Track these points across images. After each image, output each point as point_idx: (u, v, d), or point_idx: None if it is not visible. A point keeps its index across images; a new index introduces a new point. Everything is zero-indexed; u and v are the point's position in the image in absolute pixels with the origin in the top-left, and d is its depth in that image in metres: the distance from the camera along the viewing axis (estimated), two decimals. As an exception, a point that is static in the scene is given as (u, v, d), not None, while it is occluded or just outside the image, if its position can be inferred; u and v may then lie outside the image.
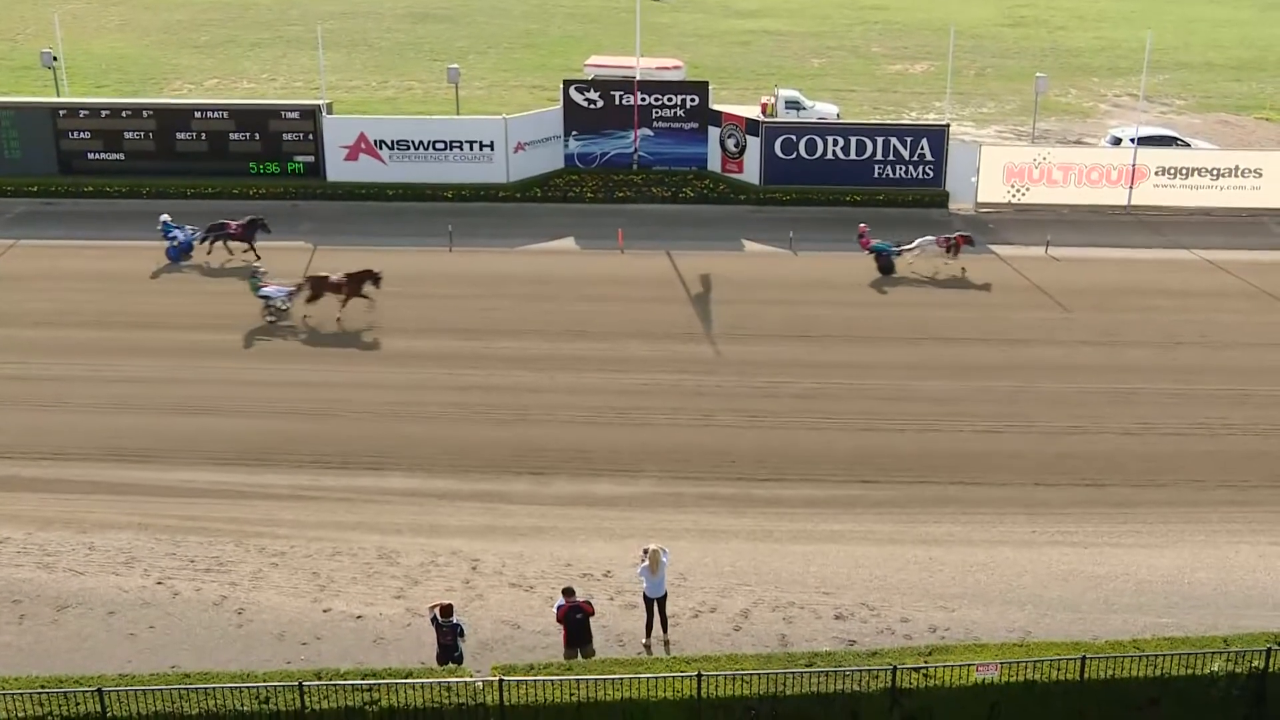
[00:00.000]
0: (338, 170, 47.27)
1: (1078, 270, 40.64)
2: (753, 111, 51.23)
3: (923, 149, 46.61)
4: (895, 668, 19.11)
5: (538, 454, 28.51)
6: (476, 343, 34.52)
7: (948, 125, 47.87)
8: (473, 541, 25.03)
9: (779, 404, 31.03)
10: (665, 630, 21.92)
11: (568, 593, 20.82)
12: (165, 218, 41.19)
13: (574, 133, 48.30)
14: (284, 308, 35.83)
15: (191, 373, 32.52)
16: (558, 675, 19.12)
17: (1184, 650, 19.69)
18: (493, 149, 47.18)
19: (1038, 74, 52.41)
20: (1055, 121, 59.71)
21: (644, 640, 21.91)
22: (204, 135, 46.95)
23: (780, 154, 46.95)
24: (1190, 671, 19.52)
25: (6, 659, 21.18)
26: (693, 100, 47.99)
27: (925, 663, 19.45)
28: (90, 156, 47.16)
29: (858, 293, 38.44)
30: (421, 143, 47.21)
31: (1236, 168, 46.18)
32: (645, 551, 21.50)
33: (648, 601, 21.71)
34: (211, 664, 20.81)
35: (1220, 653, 19.63)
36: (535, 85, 65.41)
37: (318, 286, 35.90)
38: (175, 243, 40.79)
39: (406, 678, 19.03)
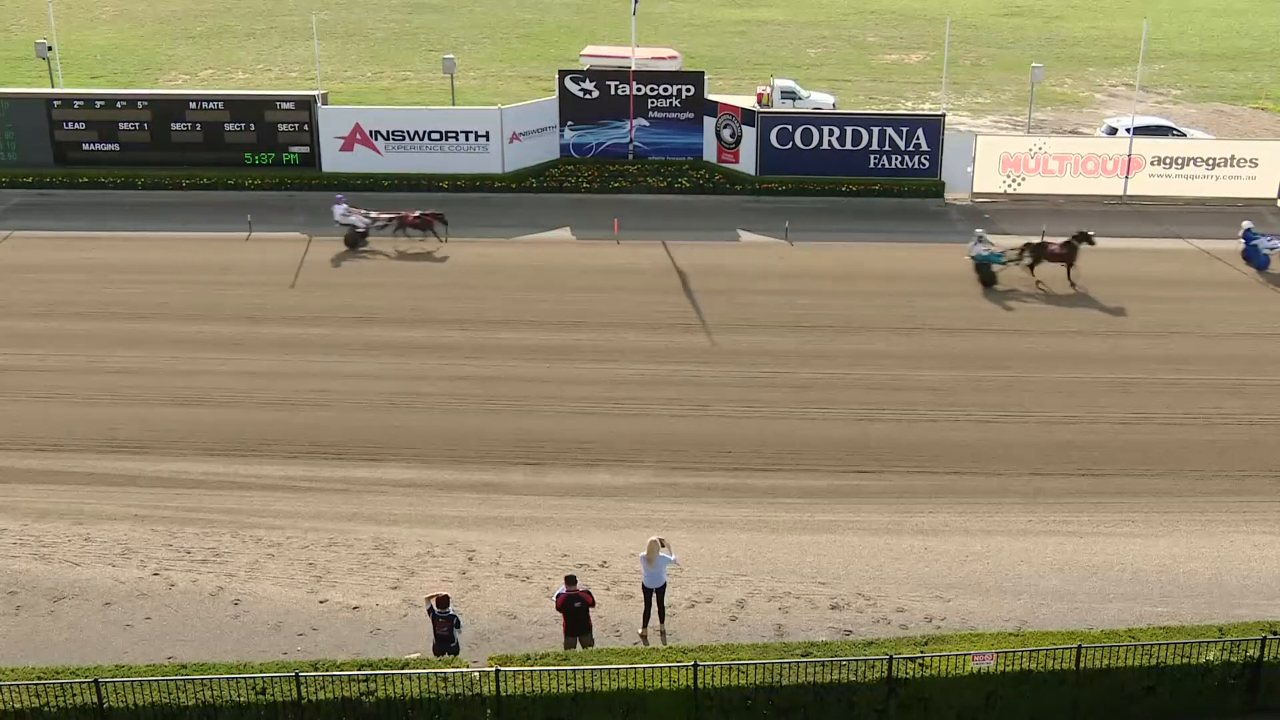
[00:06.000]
0: (333, 161, 47.20)
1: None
2: (748, 101, 51.23)
3: (918, 139, 46.59)
4: (891, 657, 19.14)
5: (534, 444, 28.52)
6: (472, 333, 34.51)
7: (943, 115, 47.82)
8: (469, 532, 25.05)
9: (775, 394, 31.03)
10: (662, 620, 21.94)
11: (569, 581, 20.80)
12: (1248, 224, 39.55)
13: (570, 123, 48.25)
14: None
15: (188, 364, 32.50)
16: (554, 666, 19.15)
17: (1179, 639, 19.76)
18: (488, 139, 47.14)
19: (1033, 64, 52.41)
20: (1051, 111, 59.72)
21: (640, 630, 21.93)
22: (199, 126, 46.88)
23: (776, 144, 46.93)
24: (1186, 661, 19.58)
25: (3, 650, 21.18)
26: (688, 90, 47.96)
27: (921, 652, 19.48)
28: (85, 147, 47.07)
29: (854, 283, 38.41)
30: (417, 133, 47.15)
31: (1232, 157, 46.21)
32: (660, 541, 21.62)
33: (646, 592, 21.73)
34: (208, 655, 20.85)
35: (1215, 642, 19.69)
36: (531, 75, 65.35)
37: None
38: (1261, 250, 38.95)
39: (403, 668, 19.05)
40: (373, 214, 41.45)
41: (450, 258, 40.44)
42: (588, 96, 47.86)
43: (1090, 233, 38.48)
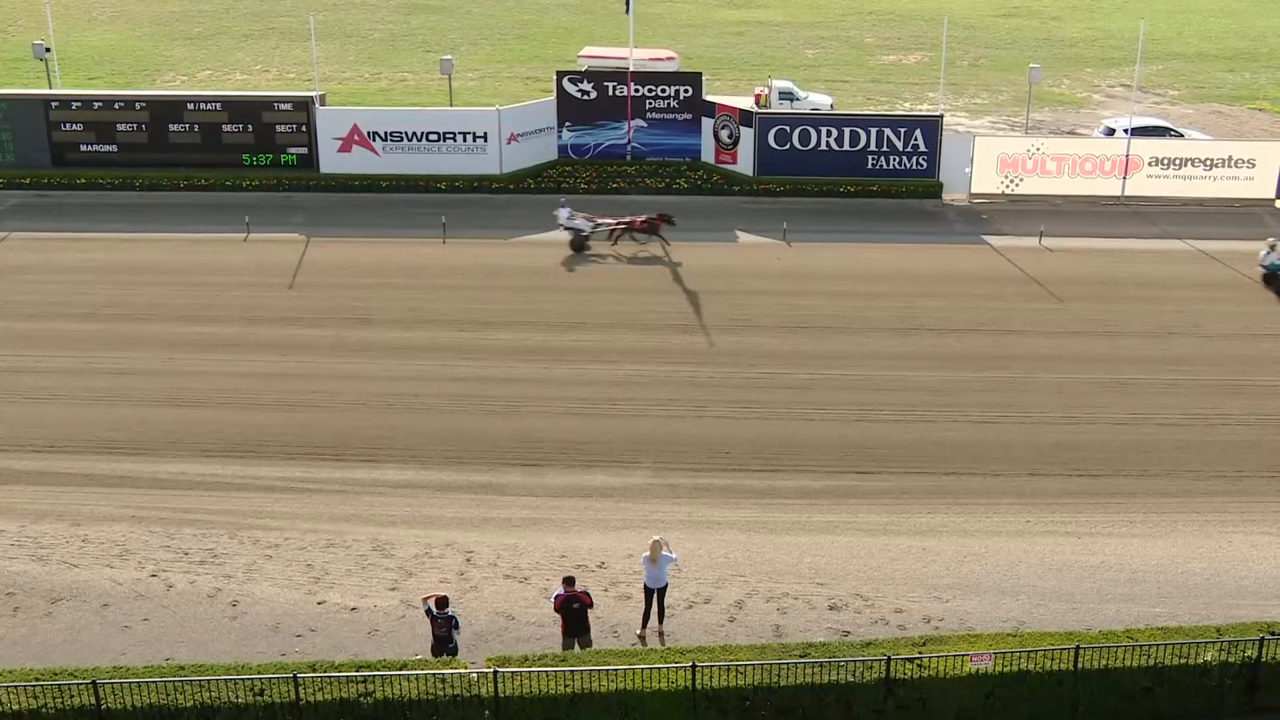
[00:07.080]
0: (331, 162, 47.19)
1: (1071, 261, 40.66)
2: (746, 102, 51.22)
3: (916, 140, 46.61)
4: (889, 658, 19.14)
5: (532, 445, 28.50)
6: (470, 334, 34.50)
7: (941, 116, 47.85)
8: (467, 533, 25.03)
9: (773, 395, 31.03)
10: (661, 621, 21.94)
11: (567, 582, 20.79)
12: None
13: (567, 124, 48.26)
14: None
15: (185, 365, 32.47)
16: (552, 667, 19.15)
17: (1177, 640, 19.77)
18: (486, 140, 47.14)
19: (1031, 64, 52.42)
20: (1049, 112, 59.75)
21: (639, 631, 21.92)
22: (197, 127, 46.86)
23: (774, 145, 46.94)
24: (1184, 661, 19.58)
25: (1, 651, 21.16)
26: (686, 91, 47.97)
27: (919, 653, 19.48)
28: (83, 148, 47.05)
29: (851, 284, 38.43)
30: (415, 134, 47.14)
31: (1230, 158, 46.23)
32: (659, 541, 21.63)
33: (647, 592, 21.72)
34: (206, 656, 20.83)
35: (1213, 642, 19.70)
36: (529, 76, 65.34)
37: None
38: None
39: (401, 669, 19.04)
40: (597, 218, 41.53)
41: (449, 259, 40.43)
42: (585, 97, 47.86)
43: None
